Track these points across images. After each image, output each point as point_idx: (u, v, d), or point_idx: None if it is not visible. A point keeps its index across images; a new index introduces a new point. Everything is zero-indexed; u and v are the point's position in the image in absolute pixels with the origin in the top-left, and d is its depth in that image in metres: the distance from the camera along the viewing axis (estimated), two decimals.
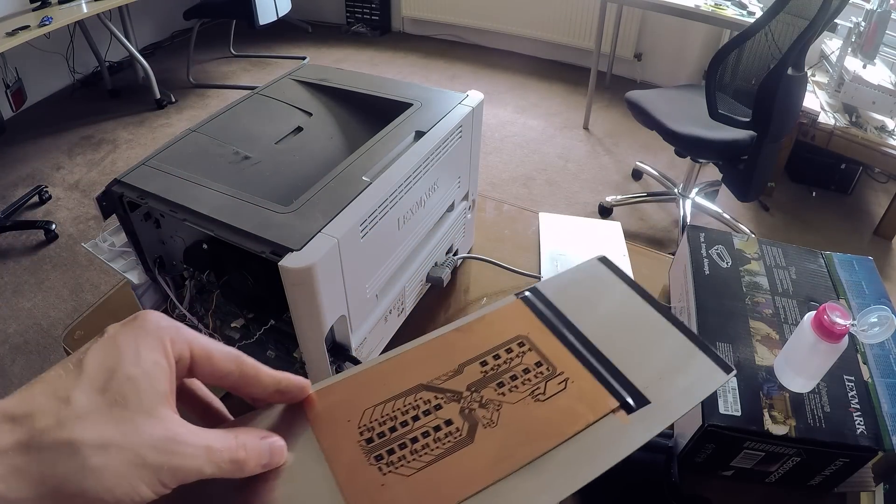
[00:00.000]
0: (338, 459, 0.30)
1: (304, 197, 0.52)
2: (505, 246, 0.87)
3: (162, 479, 0.24)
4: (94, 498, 0.23)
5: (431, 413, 0.32)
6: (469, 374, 0.34)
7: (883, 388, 0.54)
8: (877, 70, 2.19)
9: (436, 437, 0.31)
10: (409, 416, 0.32)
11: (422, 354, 0.36)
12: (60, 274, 2.00)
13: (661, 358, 0.37)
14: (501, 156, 2.65)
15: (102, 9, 2.52)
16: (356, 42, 3.87)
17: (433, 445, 0.31)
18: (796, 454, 0.52)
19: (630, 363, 0.36)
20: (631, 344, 0.37)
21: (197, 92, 3.21)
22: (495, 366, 0.35)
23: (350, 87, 0.73)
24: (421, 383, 0.34)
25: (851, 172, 2.36)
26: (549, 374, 0.35)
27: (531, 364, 0.35)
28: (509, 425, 0.32)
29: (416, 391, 0.33)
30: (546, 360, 0.36)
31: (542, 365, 0.35)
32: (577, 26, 3.32)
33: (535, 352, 0.36)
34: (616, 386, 0.34)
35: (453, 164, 0.68)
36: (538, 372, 0.35)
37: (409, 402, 0.33)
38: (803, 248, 0.71)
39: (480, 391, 0.33)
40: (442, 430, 0.31)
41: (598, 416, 0.32)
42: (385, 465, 0.30)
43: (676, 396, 0.34)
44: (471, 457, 0.30)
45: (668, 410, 0.33)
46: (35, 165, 2.59)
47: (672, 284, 0.78)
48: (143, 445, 0.24)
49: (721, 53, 1.58)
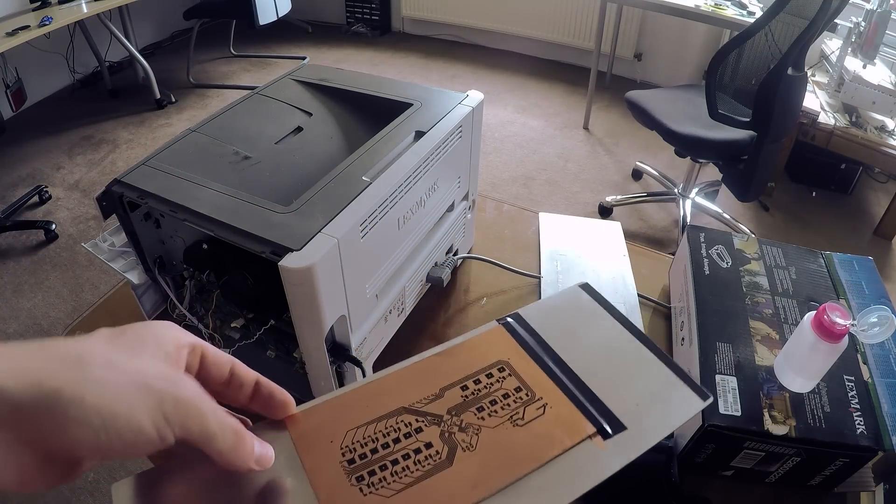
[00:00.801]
0: (320, 479, 0.30)
1: (304, 197, 0.52)
2: (505, 246, 0.87)
3: (166, 410, 0.24)
4: (92, 409, 0.22)
5: (412, 436, 0.33)
6: (450, 398, 0.35)
7: (883, 388, 0.54)
8: (877, 70, 2.19)
9: (416, 459, 0.32)
10: (391, 437, 0.33)
11: (404, 378, 0.37)
12: (60, 274, 2.00)
13: (638, 384, 0.37)
14: (501, 156, 2.65)
15: (102, 9, 2.52)
16: (356, 42, 3.87)
17: (413, 468, 0.31)
18: (796, 454, 0.52)
19: (608, 390, 0.36)
20: (610, 371, 0.38)
21: (197, 92, 3.21)
22: (475, 390, 0.36)
23: (350, 87, 0.73)
24: (403, 406, 0.35)
25: (851, 172, 2.36)
26: (528, 399, 0.36)
27: (511, 389, 0.36)
28: (488, 449, 0.33)
29: (398, 414, 0.34)
30: (525, 386, 0.37)
31: (521, 390, 0.36)
32: (577, 26, 3.32)
33: (515, 377, 0.37)
34: (593, 412, 0.35)
35: (453, 164, 0.68)
36: (517, 397, 0.36)
37: (390, 424, 0.34)
38: (803, 248, 0.71)
39: (460, 415, 0.34)
40: (422, 452, 0.32)
41: (574, 442, 0.33)
42: (366, 486, 0.30)
43: (653, 423, 0.35)
44: (449, 479, 0.31)
45: (644, 436, 0.34)
46: (35, 165, 2.59)
47: (672, 284, 0.78)
48: (149, 372, 0.25)
49: (721, 53, 1.58)
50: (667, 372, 0.38)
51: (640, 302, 0.77)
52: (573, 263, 0.83)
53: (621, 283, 0.79)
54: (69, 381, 0.22)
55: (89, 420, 0.22)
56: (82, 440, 0.22)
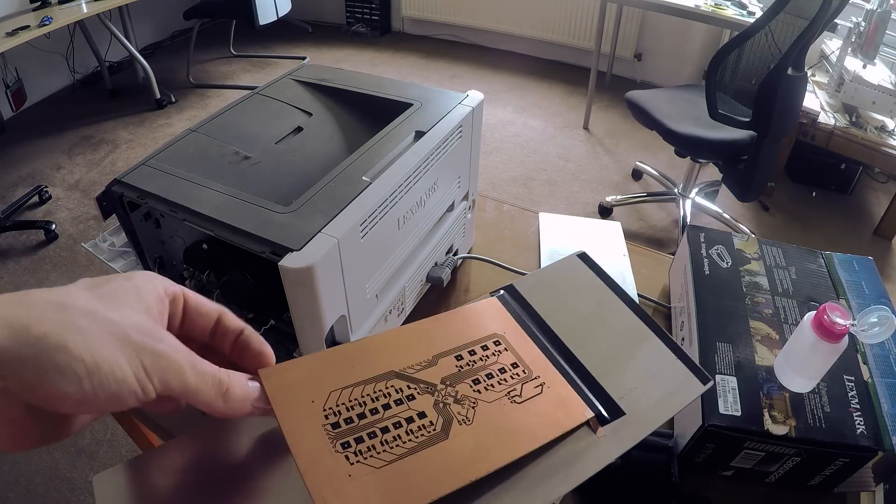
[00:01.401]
0: (300, 443, 0.27)
1: (304, 197, 0.52)
2: (505, 246, 0.87)
3: (144, 362, 0.24)
4: (76, 356, 0.22)
5: (404, 403, 0.30)
6: (443, 367, 0.32)
7: (883, 388, 0.54)
8: (877, 70, 2.19)
9: (408, 429, 0.29)
10: (380, 403, 0.30)
11: (394, 340, 0.33)
12: (60, 274, 2.00)
13: (637, 366, 0.36)
14: (501, 156, 2.65)
15: (102, 9, 2.52)
16: (356, 42, 3.87)
17: (405, 438, 0.28)
18: (796, 454, 0.52)
19: (606, 371, 0.34)
20: (607, 350, 0.36)
21: (197, 92, 3.21)
22: (470, 361, 0.33)
23: (350, 87, 0.73)
24: (393, 370, 0.31)
25: (851, 172, 2.36)
26: (525, 376, 0.33)
27: (507, 364, 0.34)
28: (485, 424, 0.30)
29: (388, 378, 0.31)
30: (522, 363, 0.34)
31: (517, 366, 0.34)
32: (577, 26, 3.32)
33: (511, 352, 0.35)
34: (590, 395, 0.33)
35: (453, 164, 0.68)
36: (514, 373, 0.33)
37: (379, 388, 0.30)
38: (803, 248, 0.71)
39: (455, 386, 0.32)
40: (415, 422, 0.29)
41: (574, 425, 0.31)
42: (353, 454, 0.27)
43: (651, 408, 0.33)
44: (445, 453, 0.28)
45: (643, 422, 0.32)
46: (35, 165, 2.59)
47: (672, 284, 0.78)
48: (128, 325, 0.24)
49: (721, 53, 1.58)
50: (666, 352, 0.36)
51: (640, 302, 0.77)
52: None
53: (621, 284, 0.79)
54: (54, 326, 0.22)
55: (74, 367, 0.22)
56: (67, 390, 0.22)
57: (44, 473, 1.38)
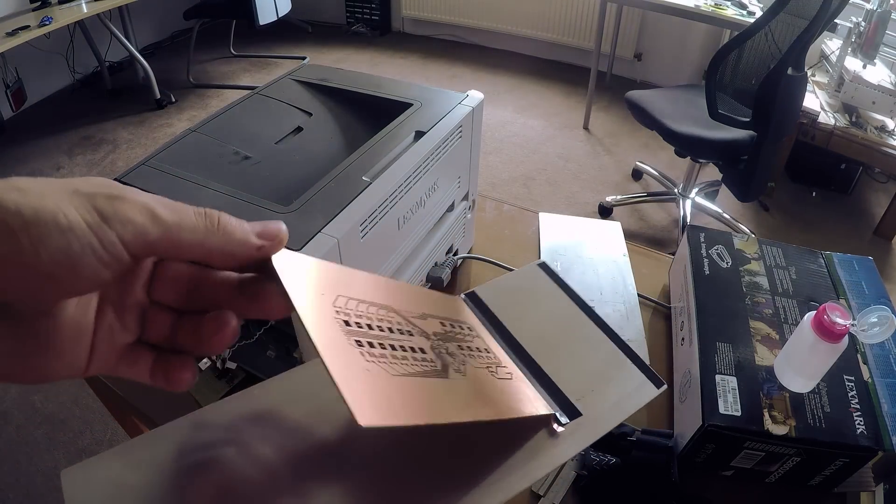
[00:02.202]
0: (314, 323, 0.23)
1: (304, 197, 0.52)
2: (505, 246, 0.87)
3: (98, 206, 0.19)
4: (11, 208, 0.18)
5: (405, 335, 0.28)
6: (432, 325, 0.31)
7: (883, 388, 0.54)
8: (877, 70, 2.19)
9: (413, 356, 0.27)
10: (385, 325, 0.28)
11: (388, 284, 0.32)
12: None
13: (594, 370, 0.37)
14: (501, 156, 2.64)
15: (102, 9, 2.52)
16: (356, 42, 3.86)
17: (412, 361, 0.27)
18: (796, 454, 0.52)
19: (564, 374, 0.35)
20: (565, 354, 0.37)
21: (197, 92, 3.21)
22: (452, 331, 0.33)
23: (350, 87, 0.73)
24: (391, 306, 0.29)
25: (851, 172, 2.36)
26: (497, 362, 0.34)
27: (482, 347, 0.34)
28: (475, 381, 0.30)
29: (388, 309, 0.29)
30: (492, 352, 0.35)
31: (490, 353, 0.35)
32: (577, 26, 3.32)
33: (483, 341, 0.35)
34: (549, 396, 0.34)
35: (453, 164, 0.68)
36: (488, 356, 0.34)
37: (381, 314, 0.28)
38: (803, 248, 0.71)
39: (445, 343, 0.31)
40: (417, 353, 0.28)
41: (536, 413, 0.32)
42: (367, 353, 0.25)
43: (607, 410, 0.34)
44: (448, 388, 0.28)
45: (599, 424, 0.33)
46: (35, 165, 2.59)
47: (672, 284, 0.78)
48: (74, 181, 0.20)
49: (721, 53, 1.58)
50: (622, 357, 0.38)
51: (640, 302, 0.77)
52: (573, 263, 0.83)
53: (621, 283, 0.79)
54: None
55: (8, 221, 0.18)
56: (5, 255, 0.18)
57: (44, 473, 1.38)
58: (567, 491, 0.56)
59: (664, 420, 0.63)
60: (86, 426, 1.49)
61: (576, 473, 0.57)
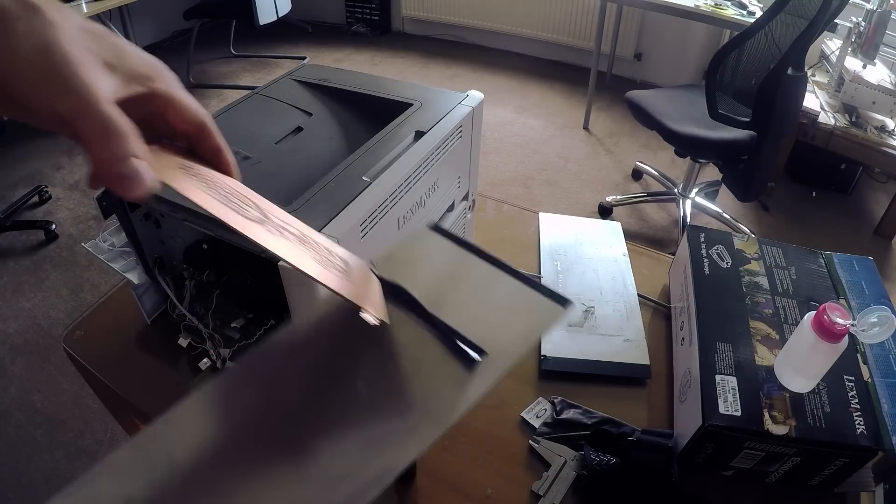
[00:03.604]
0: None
1: (304, 197, 0.52)
2: (505, 246, 0.87)
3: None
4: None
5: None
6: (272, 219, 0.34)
7: (883, 388, 0.54)
8: (877, 70, 2.19)
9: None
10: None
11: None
12: (60, 274, 2.00)
13: (495, 307, 0.37)
14: (501, 156, 2.65)
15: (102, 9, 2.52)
16: (356, 42, 3.87)
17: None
18: (796, 454, 0.52)
19: (466, 319, 0.35)
20: (465, 301, 0.37)
21: (197, 92, 3.21)
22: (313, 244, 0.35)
23: (350, 87, 0.73)
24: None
25: (851, 172, 2.36)
26: (347, 269, 0.35)
27: (340, 260, 0.35)
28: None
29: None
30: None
31: (348, 266, 0.35)
32: (577, 26, 3.32)
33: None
34: (455, 342, 0.34)
35: (453, 164, 0.68)
36: (335, 261, 0.35)
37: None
38: (803, 248, 0.72)
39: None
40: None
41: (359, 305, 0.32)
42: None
43: (514, 341, 0.34)
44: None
45: (506, 356, 0.33)
46: (35, 165, 2.59)
47: (672, 284, 0.78)
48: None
49: (721, 53, 1.58)
50: (523, 288, 0.37)
51: (640, 302, 0.77)
52: (573, 263, 0.83)
53: (621, 283, 0.79)
54: None
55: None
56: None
57: (44, 473, 1.38)
58: (567, 491, 0.56)
59: (664, 420, 0.63)
60: (86, 426, 1.49)
61: (576, 473, 0.57)
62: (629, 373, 0.68)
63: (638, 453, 0.56)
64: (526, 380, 0.68)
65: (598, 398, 0.65)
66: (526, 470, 0.58)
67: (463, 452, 0.60)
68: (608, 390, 0.66)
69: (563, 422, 0.62)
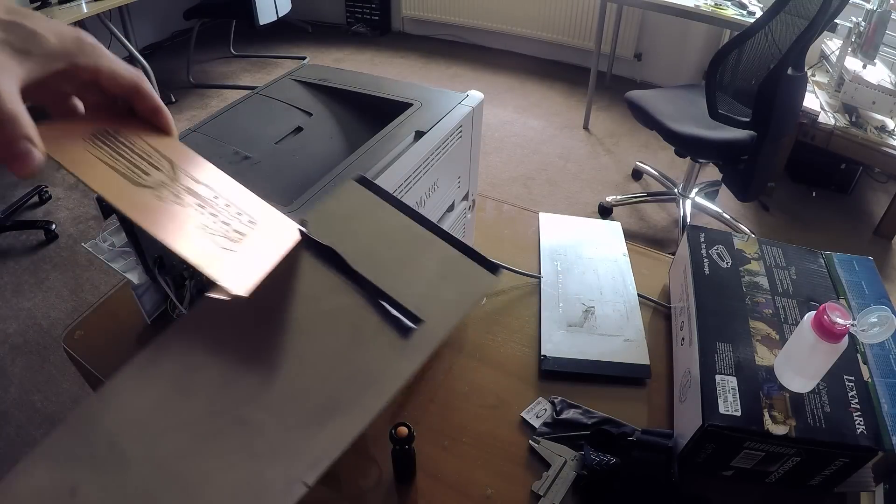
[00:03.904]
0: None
1: (305, 197, 0.52)
2: (505, 246, 0.87)
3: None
4: None
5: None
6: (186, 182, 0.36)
7: (883, 388, 0.54)
8: (877, 70, 2.19)
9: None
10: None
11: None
12: (60, 274, 2.00)
13: (427, 272, 0.37)
14: (501, 156, 2.65)
15: (102, 9, 2.52)
16: (356, 42, 3.87)
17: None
18: (796, 454, 0.52)
19: (398, 284, 0.35)
20: (396, 265, 0.37)
21: (197, 92, 3.21)
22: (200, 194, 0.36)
23: (350, 87, 0.73)
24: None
25: (851, 172, 2.36)
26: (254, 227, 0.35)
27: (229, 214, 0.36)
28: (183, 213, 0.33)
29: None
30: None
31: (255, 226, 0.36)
32: (577, 26, 3.32)
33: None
34: (390, 310, 0.34)
35: (453, 164, 0.68)
36: (243, 220, 0.36)
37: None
38: (803, 248, 0.72)
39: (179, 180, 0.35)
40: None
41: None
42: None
43: (448, 309, 0.34)
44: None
45: (442, 325, 0.33)
46: None
47: (672, 284, 0.78)
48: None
49: (721, 53, 1.58)
50: (454, 253, 0.38)
51: (640, 302, 0.77)
52: (573, 263, 0.83)
53: (621, 283, 0.79)
54: None
55: None
56: None
57: None
58: (567, 491, 0.56)
59: (664, 420, 0.63)
60: None
61: (576, 473, 0.57)
62: (629, 373, 0.68)
63: (638, 453, 0.56)
64: (526, 380, 0.68)
65: (598, 398, 0.65)
66: (526, 470, 0.58)
67: (463, 452, 0.60)
68: (608, 390, 0.66)
69: (563, 422, 0.62)
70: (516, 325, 0.74)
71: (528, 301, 0.77)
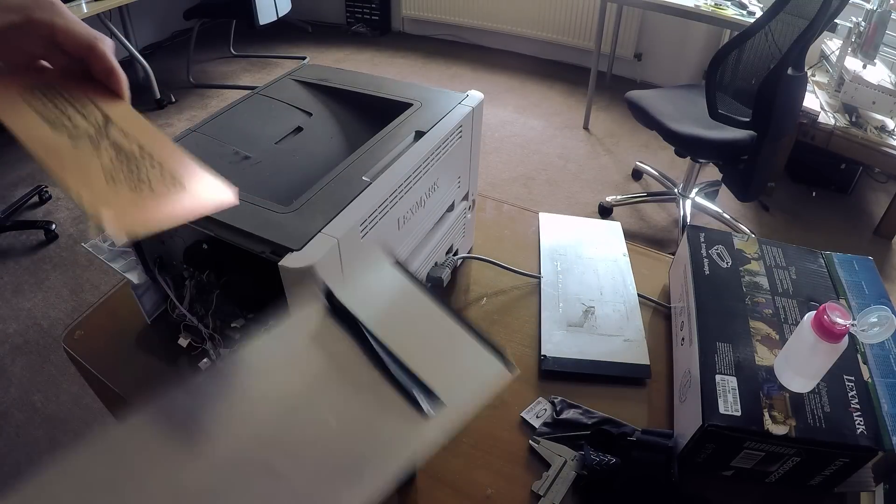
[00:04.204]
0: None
1: (304, 197, 0.52)
2: (505, 246, 0.87)
3: None
4: None
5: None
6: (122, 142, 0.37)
7: (883, 388, 0.54)
8: (877, 70, 2.19)
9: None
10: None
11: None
12: (60, 274, 2.00)
13: (445, 356, 0.38)
14: (501, 156, 2.64)
15: (102, 9, 2.52)
16: (356, 42, 3.86)
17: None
18: (796, 454, 0.52)
19: (423, 364, 0.36)
20: (417, 344, 0.38)
21: (197, 92, 3.21)
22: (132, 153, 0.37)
23: (350, 87, 0.73)
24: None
25: (851, 172, 2.36)
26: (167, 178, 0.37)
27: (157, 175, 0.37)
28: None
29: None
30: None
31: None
32: (577, 26, 3.32)
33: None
34: (414, 388, 0.35)
35: (453, 164, 0.68)
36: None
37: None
38: (803, 248, 0.71)
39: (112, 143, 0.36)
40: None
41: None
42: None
43: (464, 398, 0.35)
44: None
45: (457, 412, 0.34)
46: (35, 165, 2.59)
47: (672, 284, 0.78)
48: None
49: (721, 53, 1.58)
50: (471, 339, 0.39)
51: (640, 302, 0.77)
52: (573, 263, 0.83)
53: (621, 283, 0.79)
54: None
55: None
56: None
57: None
58: (567, 491, 0.56)
59: (664, 420, 0.63)
60: (86, 426, 1.49)
61: (576, 473, 0.57)
62: (629, 373, 0.68)
63: (638, 453, 0.56)
64: (526, 380, 0.68)
65: (598, 398, 0.65)
66: (526, 470, 0.58)
67: (463, 452, 0.60)
68: (608, 390, 0.66)
69: (563, 422, 0.62)
70: (516, 324, 0.74)
71: (528, 301, 0.78)
